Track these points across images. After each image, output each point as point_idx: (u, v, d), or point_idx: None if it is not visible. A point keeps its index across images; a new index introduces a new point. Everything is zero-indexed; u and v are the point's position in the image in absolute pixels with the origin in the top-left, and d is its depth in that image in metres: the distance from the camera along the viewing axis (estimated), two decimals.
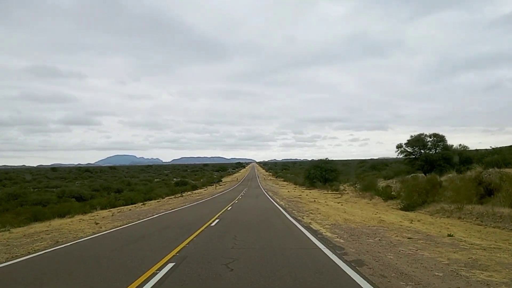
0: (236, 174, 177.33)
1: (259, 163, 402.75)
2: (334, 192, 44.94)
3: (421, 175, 49.43)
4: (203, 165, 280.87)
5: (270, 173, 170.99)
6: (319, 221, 16.06)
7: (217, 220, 16.93)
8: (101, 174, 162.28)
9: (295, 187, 67.21)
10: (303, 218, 17.26)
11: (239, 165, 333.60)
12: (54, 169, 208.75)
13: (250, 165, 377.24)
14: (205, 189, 77.46)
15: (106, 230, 14.72)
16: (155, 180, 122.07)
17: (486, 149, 44.46)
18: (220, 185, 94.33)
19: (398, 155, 49.46)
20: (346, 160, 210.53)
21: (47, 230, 15.29)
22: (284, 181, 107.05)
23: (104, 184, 77.66)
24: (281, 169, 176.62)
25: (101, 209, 30.49)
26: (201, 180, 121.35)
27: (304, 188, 59.87)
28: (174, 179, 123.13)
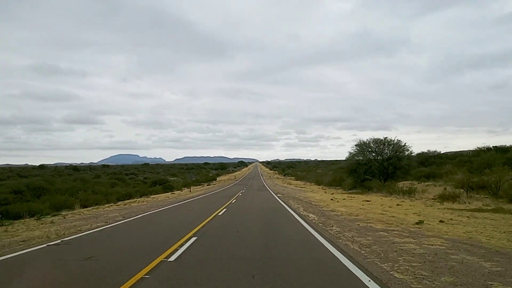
0: (236, 173, 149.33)
1: (262, 163, 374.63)
2: (470, 207, 16.73)
3: None
4: (203, 164, 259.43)
5: (276, 171, 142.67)
6: None
7: None
8: (90, 172, 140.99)
9: (324, 190, 38.89)
10: None
11: (241, 163, 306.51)
12: (42, 166, 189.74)
13: (253, 164, 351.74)
14: (174, 193, 49.10)
15: None
16: (138, 178, 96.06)
17: None
18: (208, 186, 66.44)
19: None
20: None
21: None
22: (295, 180, 78.79)
23: (35, 184, 49.57)
24: (287, 168, 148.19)
25: None
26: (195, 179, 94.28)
27: (347, 192, 31.58)
28: (162, 177, 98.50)
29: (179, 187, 56.79)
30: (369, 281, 5.13)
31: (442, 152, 68.94)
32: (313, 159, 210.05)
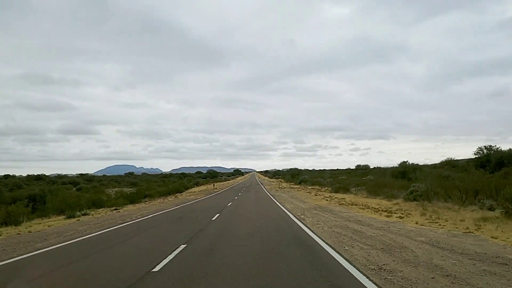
0: (228, 181, 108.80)
1: (260, 172, 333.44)
2: None
3: None
4: (195, 173, 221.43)
5: (280, 180, 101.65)
6: None
7: None
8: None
9: None
10: None
11: (237, 172, 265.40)
12: (6, 176, 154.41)
13: (250, 173, 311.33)
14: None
15: None
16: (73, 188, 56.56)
17: None
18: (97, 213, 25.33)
19: None
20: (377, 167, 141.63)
21: None
22: (333, 192, 38.05)
23: None
24: (296, 174, 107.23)
25: None
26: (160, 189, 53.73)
27: None
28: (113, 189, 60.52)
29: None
30: None
31: None
32: (310, 168, 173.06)
